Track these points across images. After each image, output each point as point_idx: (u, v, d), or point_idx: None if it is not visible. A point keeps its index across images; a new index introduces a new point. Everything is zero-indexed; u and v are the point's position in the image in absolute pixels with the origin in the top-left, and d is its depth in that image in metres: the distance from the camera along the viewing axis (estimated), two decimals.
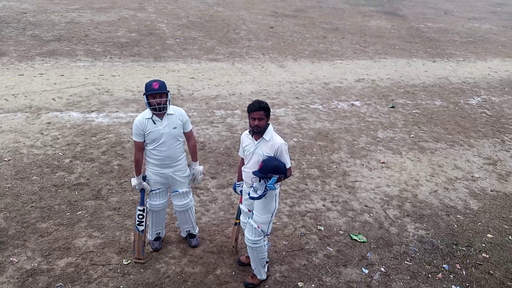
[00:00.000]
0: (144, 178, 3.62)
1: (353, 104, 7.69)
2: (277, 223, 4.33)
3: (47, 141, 5.51)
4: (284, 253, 4.00)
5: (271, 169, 3.14)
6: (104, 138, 5.70)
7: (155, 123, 3.45)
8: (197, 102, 7.19)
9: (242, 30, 11.95)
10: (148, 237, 3.90)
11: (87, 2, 13.63)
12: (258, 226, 3.33)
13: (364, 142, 6.28)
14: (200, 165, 3.88)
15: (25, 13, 11.71)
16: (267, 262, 3.62)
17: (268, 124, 3.27)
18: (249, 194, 3.32)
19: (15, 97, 6.68)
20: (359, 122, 6.96)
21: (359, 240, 4.24)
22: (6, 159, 5.03)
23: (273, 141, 3.23)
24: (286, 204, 4.69)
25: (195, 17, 13.04)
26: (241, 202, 3.56)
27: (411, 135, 6.65)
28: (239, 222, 3.65)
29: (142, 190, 3.65)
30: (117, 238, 3.97)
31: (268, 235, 3.50)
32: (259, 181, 3.22)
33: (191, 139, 3.76)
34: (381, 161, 5.79)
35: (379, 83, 8.91)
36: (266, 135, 3.24)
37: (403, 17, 16.32)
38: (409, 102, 8.03)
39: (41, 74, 7.65)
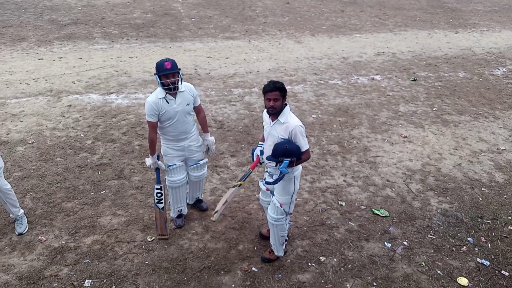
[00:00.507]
0: (158, 157, 3.66)
1: (373, 78, 7.53)
2: (297, 199, 4.33)
3: (69, 123, 5.59)
4: (305, 228, 4.00)
5: (282, 153, 3.07)
6: (124, 119, 5.76)
7: (168, 102, 3.46)
8: (214, 81, 7.16)
9: (258, 7, 11.75)
10: (170, 214, 3.96)
11: None
12: (280, 205, 3.33)
13: (385, 117, 6.16)
14: (218, 142, 3.86)
15: None
16: (286, 240, 3.62)
17: (285, 105, 3.17)
18: (264, 179, 3.35)
19: (36, 81, 6.77)
20: (379, 97, 6.82)
21: (381, 215, 4.21)
22: (30, 142, 5.13)
23: (288, 123, 3.11)
24: (306, 180, 4.67)
25: None
26: (252, 167, 3.42)
27: (434, 108, 6.49)
28: (239, 185, 3.42)
29: (157, 169, 3.69)
30: (140, 216, 4.04)
31: (290, 213, 3.49)
32: (275, 165, 3.18)
33: (201, 112, 3.84)
34: (403, 136, 5.68)
35: (399, 56, 8.68)
36: (281, 117, 3.13)
37: None
38: (431, 74, 7.81)
39: (60, 58, 7.72)
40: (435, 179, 4.80)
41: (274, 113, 3.14)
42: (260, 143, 3.55)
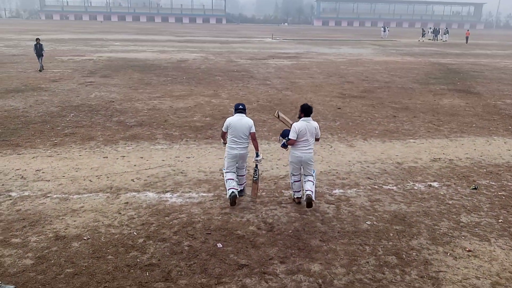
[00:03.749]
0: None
1: (430, 185, 7.26)
2: None
3: (124, 220, 5.75)
4: None
5: (282, 134, 6.31)
6: (177, 218, 5.84)
7: None
8: (265, 182, 7.23)
9: None
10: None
11: (167, 91, 14.94)
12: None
13: (446, 227, 5.79)
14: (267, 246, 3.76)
15: (113, 101, 13.04)
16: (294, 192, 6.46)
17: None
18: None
19: (98, 178, 7.19)
20: (438, 205, 6.49)
21: None
22: (85, 238, 5.28)
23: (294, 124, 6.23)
24: None
25: (264, 101, 13.66)
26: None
27: (500, 220, 6.03)
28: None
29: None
30: None
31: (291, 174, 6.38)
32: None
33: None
34: (467, 249, 5.24)
35: (457, 162, 8.42)
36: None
37: (478, 94, 15.79)
38: (493, 183, 7.42)
39: (123, 157, 8.25)
40: None
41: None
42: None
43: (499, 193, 6.99)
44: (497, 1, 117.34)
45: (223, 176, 6.62)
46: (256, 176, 6.40)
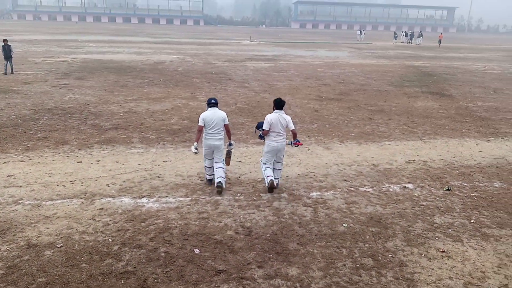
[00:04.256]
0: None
1: (405, 187, 7.40)
2: None
3: (99, 227, 5.63)
4: None
5: (257, 126, 7.10)
6: (153, 224, 5.76)
7: None
8: (244, 185, 7.22)
9: (288, 114, 12.24)
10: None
11: (144, 93, 14.76)
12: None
13: (420, 228, 5.90)
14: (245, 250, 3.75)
15: (88, 104, 12.79)
16: (266, 177, 6.91)
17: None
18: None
19: (72, 183, 7.03)
20: (413, 206, 6.62)
21: None
22: (58, 246, 5.14)
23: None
24: None
25: (243, 104, 13.65)
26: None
27: (472, 221, 6.19)
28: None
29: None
30: None
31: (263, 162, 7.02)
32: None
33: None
34: (441, 250, 5.36)
35: (431, 164, 8.60)
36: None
37: (451, 97, 16.20)
38: (465, 184, 7.62)
39: (98, 161, 8.09)
40: None
41: None
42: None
43: (471, 194, 7.18)
44: (469, 6, 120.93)
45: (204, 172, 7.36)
46: (229, 154, 7.32)
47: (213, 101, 7.04)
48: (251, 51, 34.28)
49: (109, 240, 5.33)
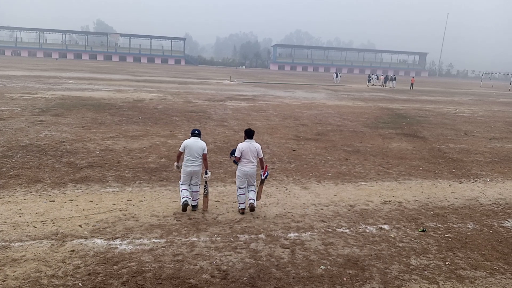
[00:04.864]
0: None
1: (381, 228, 7.45)
2: None
3: (69, 270, 5.42)
4: None
5: (231, 152, 7.82)
6: (126, 267, 5.58)
7: None
8: (221, 226, 7.13)
9: (266, 154, 12.36)
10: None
11: (121, 131, 14.67)
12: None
13: (397, 271, 5.91)
14: None
15: (64, 141, 12.60)
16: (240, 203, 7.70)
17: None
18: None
19: (43, 223, 6.80)
20: (389, 248, 6.65)
21: None
22: None
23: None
24: None
25: (221, 142, 13.71)
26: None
27: (447, 262, 6.25)
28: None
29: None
30: None
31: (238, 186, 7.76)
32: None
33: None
34: None
35: (406, 205, 8.73)
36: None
37: (424, 138, 16.69)
38: (440, 225, 7.73)
39: (71, 200, 7.90)
40: None
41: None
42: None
43: (446, 235, 7.28)
44: (439, 51, 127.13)
45: (179, 189, 7.82)
46: (207, 191, 7.80)
47: (196, 132, 7.77)
48: (231, 90, 34.81)
49: (79, 284, 5.12)
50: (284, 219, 7.61)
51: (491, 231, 7.55)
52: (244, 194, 7.78)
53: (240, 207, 7.79)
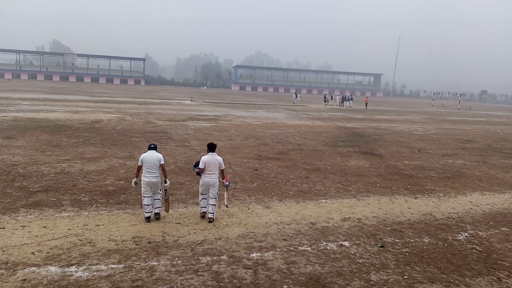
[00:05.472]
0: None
1: (342, 245, 7.57)
2: None
3: None
4: None
5: (195, 164, 8.42)
6: None
7: None
8: (182, 249, 7.00)
9: (228, 173, 12.32)
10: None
11: (78, 153, 14.21)
12: None
13: (357, 287, 6.00)
14: None
15: (16, 165, 12.03)
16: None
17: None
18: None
19: None
20: (350, 264, 6.76)
21: None
22: None
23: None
24: None
25: (183, 163, 13.56)
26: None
27: (405, 277, 6.42)
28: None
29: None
30: None
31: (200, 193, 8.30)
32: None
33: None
34: None
35: (365, 221, 8.94)
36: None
37: (380, 156, 17.25)
38: (397, 240, 7.96)
39: (23, 227, 7.51)
40: None
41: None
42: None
43: (403, 250, 7.49)
44: (393, 73, 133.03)
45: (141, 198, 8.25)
46: (167, 197, 8.39)
47: (152, 146, 8.40)
48: (192, 111, 34.67)
49: None
50: (247, 239, 7.59)
51: (445, 245, 7.86)
52: (206, 199, 8.43)
53: (201, 211, 8.50)
